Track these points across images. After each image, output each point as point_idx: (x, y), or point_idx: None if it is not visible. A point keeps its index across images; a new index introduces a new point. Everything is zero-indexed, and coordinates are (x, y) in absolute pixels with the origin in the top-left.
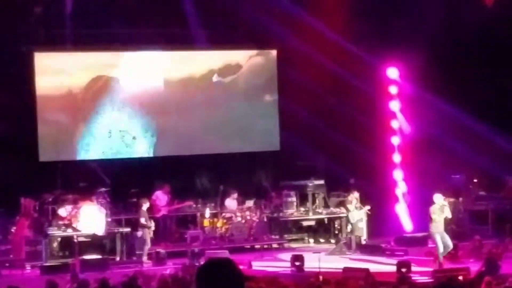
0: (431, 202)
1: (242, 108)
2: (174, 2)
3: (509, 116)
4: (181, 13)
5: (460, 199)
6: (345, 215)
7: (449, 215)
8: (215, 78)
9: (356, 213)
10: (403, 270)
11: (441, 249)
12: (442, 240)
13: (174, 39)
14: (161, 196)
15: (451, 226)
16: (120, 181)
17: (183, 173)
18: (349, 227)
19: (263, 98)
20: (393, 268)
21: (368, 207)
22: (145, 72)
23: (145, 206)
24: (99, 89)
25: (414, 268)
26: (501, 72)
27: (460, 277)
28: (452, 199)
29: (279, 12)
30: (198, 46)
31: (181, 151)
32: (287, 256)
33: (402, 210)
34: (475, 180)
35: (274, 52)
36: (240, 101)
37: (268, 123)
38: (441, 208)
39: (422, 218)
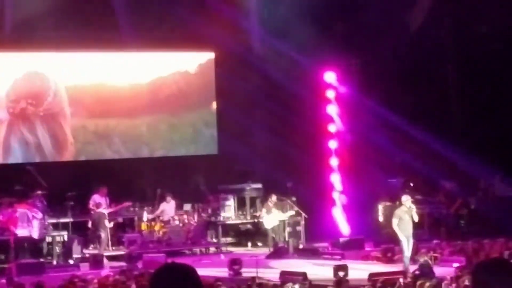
0: (369, 206)
1: (179, 112)
2: (105, 4)
3: (446, 120)
4: (114, 14)
5: (397, 203)
6: (283, 218)
7: (416, 218)
8: (155, 81)
9: (272, 218)
10: (340, 273)
11: (406, 252)
12: (402, 243)
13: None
14: (98, 199)
15: (386, 230)
16: (57, 184)
17: (121, 176)
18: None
19: (201, 102)
20: (330, 272)
21: (292, 212)
22: (89, 74)
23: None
24: (36, 90)
25: (351, 271)
26: (438, 76)
27: (402, 280)
28: (388, 203)
29: (217, 15)
30: (133, 48)
31: (123, 155)
32: (225, 259)
33: (339, 214)
34: (411, 184)
35: (212, 56)
36: (177, 104)
37: (206, 127)
38: (408, 210)
39: (359, 221)
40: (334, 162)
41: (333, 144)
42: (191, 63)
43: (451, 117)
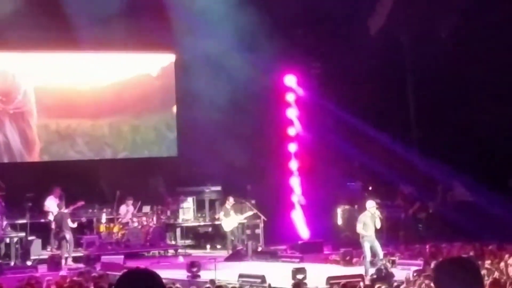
0: (328, 209)
1: (139, 113)
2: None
3: (406, 124)
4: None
5: (356, 206)
6: (243, 221)
7: (378, 224)
8: (117, 84)
9: (230, 220)
10: (299, 276)
11: (368, 257)
12: (371, 249)
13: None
14: (52, 200)
15: (345, 234)
16: (16, 185)
17: (80, 178)
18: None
19: (163, 105)
20: (289, 274)
21: (250, 213)
22: (52, 75)
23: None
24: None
25: (309, 274)
26: (397, 80)
27: (361, 284)
28: (347, 207)
29: (178, 18)
30: (94, 49)
31: (85, 155)
32: (184, 262)
33: (298, 217)
34: (370, 188)
35: (173, 58)
36: (137, 107)
37: (166, 130)
38: (372, 215)
39: (318, 224)
40: (293, 165)
41: (292, 147)
42: (153, 65)
43: (410, 121)
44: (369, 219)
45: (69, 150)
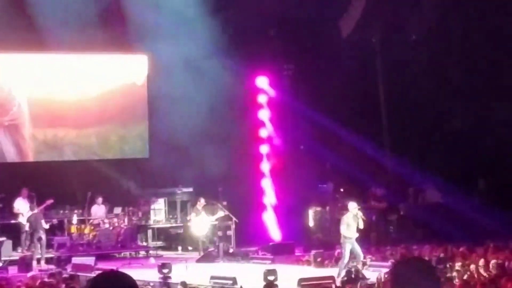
0: (300, 211)
1: (111, 114)
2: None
3: (377, 127)
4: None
5: (327, 208)
6: (214, 222)
7: (361, 225)
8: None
9: (201, 222)
10: (270, 278)
11: (346, 259)
12: (352, 250)
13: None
14: (21, 202)
15: (316, 235)
16: None
17: (52, 179)
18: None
19: (133, 105)
20: (261, 276)
21: (221, 214)
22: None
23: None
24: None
25: (281, 276)
26: (369, 82)
27: (333, 286)
28: (319, 208)
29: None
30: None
31: (53, 157)
32: (155, 263)
33: (269, 219)
34: (342, 190)
35: (145, 58)
36: (111, 107)
37: (137, 130)
38: (355, 216)
39: (289, 226)
40: (265, 167)
41: (264, 149)
42: (124, 66)
43: (382, 123)
44: (352, 220)
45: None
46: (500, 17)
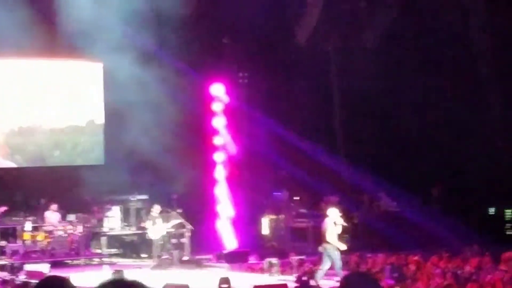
0: (254, 219)
1: (67, 120)
2: None
3: (332, 135)
4: None
5: (282, 216)
6: (170, 230)
7: (339, 231)
8: (43, 88)
9: (157, 229)
10: (224, 286)
11: (326, 266)
12: (332, 256)
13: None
14: None
15: (271, 243)
16: None
17: (5, 186)
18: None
19: (89, 112)
20: (215, 284)
21: (176, 221)
22: None
23: None
24: None
25: (235, 283)
26: (324, 89)
27: None
28: (273, 216)
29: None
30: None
31: (6, 164)
32: (109, 271)
33: (224, 227)
34: (296, 198)
35: (100, 66)
36: (65, 113)
37: (93, 137)
38: (335, 223)
39: (244, 234)
40: (220, 174)
41: (219, 157)
42: (79, 72)
43: (336, 131)
44: (332, 226)
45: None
46: (452, 24)
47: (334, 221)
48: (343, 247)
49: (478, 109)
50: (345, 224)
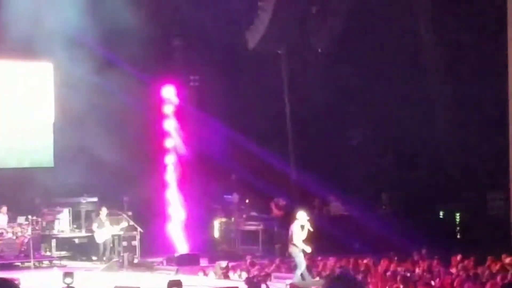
0: (205, 222)
1: (15, 123)
2: None
3: (283, 139)
4: None
5: (232, 219)
6: (119, 233)
7: (306, 235)
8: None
9: (104, 232)
10: None
11: (303, 267)
12: (296, 259)
13: None
14: None
15: (222, 246)
16: None
17: None
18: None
19: (38, 114)
20: (164, 286)
21: (125, 224)
22: None
23: None
24: None
25: (185, 286)
26: (274, 94)
27: None
28: (224, 219)
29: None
30: None
31: None
32: (59, 273)
33: (175, 229)
34: (247, 201)
35: (50, 66)
36: (14, 116)
37: (43, 139)
38: (303, 226)
39: (195, 237)
40: (170, 177)
41: (170, 159)
42: (28, 74)
43: (287, 135)
44: (299, 229)
45: None
46: (402, 29)
47: (301, 224)
48: (309, 249)
49: (427, 113)
50: (311, 229)
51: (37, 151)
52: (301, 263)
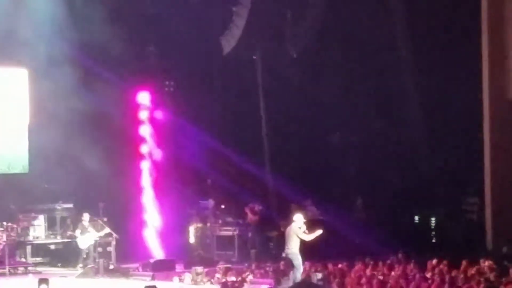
0: (181, 227)
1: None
2: None
3: (259, 144)
4: None
5: (208, 224)
6: (98, 237)
7: (302, 237)
8: None
9: (88, 238)
10: None
11: (301, 269)
12: (294, 262)
13: None
14: None
15: (197, 252)
16: None
17: None
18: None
19: (13, 120)
20: None
21: (105, 231)
22: None
23: None
24: None
25: None
26: (251, 100)
27: None
28: (200, 225)
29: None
30: None
31: None
32: (34, 280)
33: (150, 235)
34: (223, 206)
35: (25, 72)
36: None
37: (17, 145)
38: (299, 229)
39: (170, 243)
40: (146, 183)
41: (145, 165)
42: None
43: (262, 140)
44: (296, 233)
45: None
46: (378, 32)
47: (299, 226)
48: (319, 232)
49: (403, 118)
50: (306, 231)
51: (12, 157)
52: (299, 265)
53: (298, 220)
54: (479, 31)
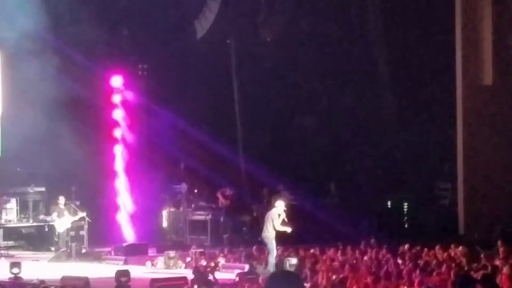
0: (154, 212)
1: None
2: None
3: (232, 128)
4: None
5: (181, 208)
6: (75, 220)
7: (277, 225)
8: None
9: (64, 221)
10: (122, 279)
11: (275, 253)
12: (269, 246)
13: None
14: None
15: (170, 236)
16: None
17: None
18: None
19: None
20: (113, 277)
21: (81, 215)
22: None
23: None
24: None
25: (133, 276)
26: (224, 84)
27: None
28: (172, 209)
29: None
30: None
31: None
32: (6, 263)
33: (123, 219)
34: (196, 190)
35: None
36: None
37: None
38: (280, 215)
39: (143, 227)
40: (119, 167)
41: (118, 149)
42: None
43: (236, 124)
44: (277, 218)
45: None
46: (352, 18)
47: (278, 213)
48: (289, 229)
49: (376, 103)
50: (286, 219)
51: None
52: (273, 249)
53: (279, 207)
54: (453, 24)
